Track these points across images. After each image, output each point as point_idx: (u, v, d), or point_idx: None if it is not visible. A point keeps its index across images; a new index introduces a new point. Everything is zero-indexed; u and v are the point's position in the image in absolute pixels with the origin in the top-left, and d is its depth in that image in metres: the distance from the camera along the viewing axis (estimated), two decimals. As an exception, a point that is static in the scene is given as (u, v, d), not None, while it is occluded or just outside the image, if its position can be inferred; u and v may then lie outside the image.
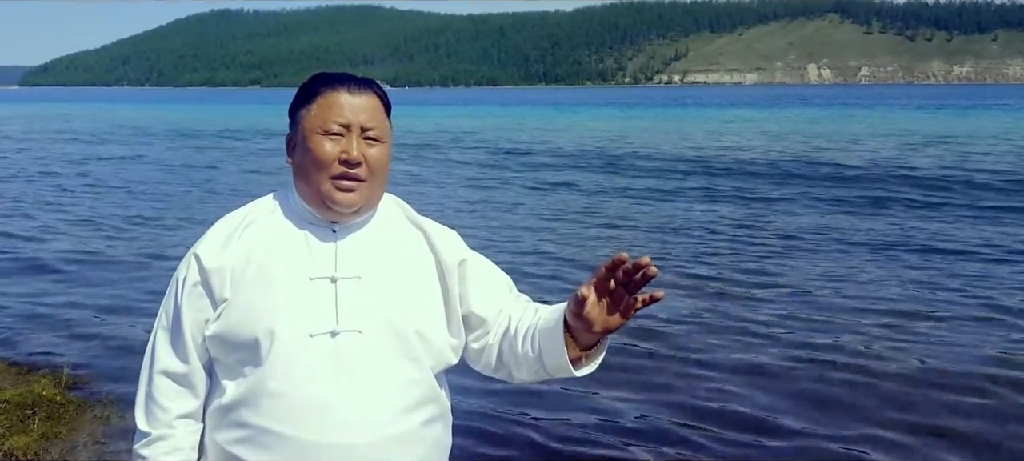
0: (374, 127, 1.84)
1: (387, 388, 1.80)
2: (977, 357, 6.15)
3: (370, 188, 1.85)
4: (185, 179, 18.24)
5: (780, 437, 4.88)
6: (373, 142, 1.85)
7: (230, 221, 1.92)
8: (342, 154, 1.81)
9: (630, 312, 1.73)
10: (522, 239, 11.13)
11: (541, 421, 5.08)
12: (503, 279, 2.03)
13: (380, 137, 1.85)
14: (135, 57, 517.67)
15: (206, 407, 1.88)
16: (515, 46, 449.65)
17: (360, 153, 1.82)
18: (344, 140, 1.82)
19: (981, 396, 5.42)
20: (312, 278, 1.82)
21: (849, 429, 4.95)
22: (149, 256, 10.06)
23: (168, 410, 1.85)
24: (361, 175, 1.82)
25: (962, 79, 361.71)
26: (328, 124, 1.82)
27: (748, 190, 16.01)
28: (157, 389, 1.86)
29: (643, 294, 1.71)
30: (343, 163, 1.81)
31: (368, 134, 1.84)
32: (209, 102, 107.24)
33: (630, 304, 1.72)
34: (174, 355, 1.85)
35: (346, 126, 1.82)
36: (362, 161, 1.82)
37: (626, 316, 1.73)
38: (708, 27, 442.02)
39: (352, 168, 1.81)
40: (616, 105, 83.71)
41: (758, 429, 4.97)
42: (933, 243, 10.48)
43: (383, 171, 1.88)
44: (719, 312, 7.37)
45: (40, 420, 4.92)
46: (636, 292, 1.71)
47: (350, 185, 1.82)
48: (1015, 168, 19.09)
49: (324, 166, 1.82)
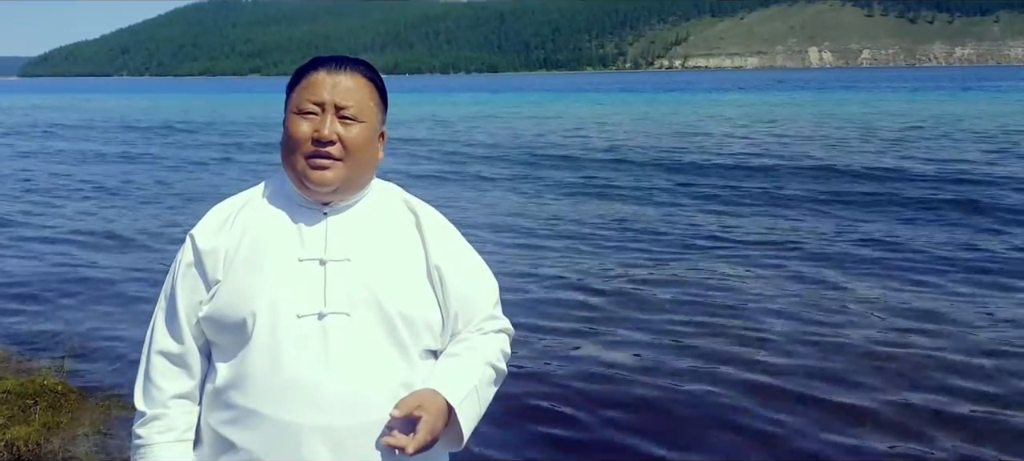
0: (350, 105, 1.84)
1: (373, 372, 1.80)
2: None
3: (348, 168, 1.84)
4: (185, 175, 18.15)
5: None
6: (349, 121, 1.84)
7: (228, 204, 1.94)
8: (314, 132, 1.82)
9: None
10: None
11: (551, 418, 5.08)
12: (483, 296, 1.99)
13: (357, 116, 1.85)
14: (134, 47, 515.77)
15: (202, 389, 1.89)
16: (515, 32, 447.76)
17: (332, 131, 1.82)
18: (318, 119, 1.83)
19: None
20: (301, 260, 1.84)
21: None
22: (150, 245, 10.07)
23: (164, 390, 1.87)
24: (334, 153, 1.82)
25: (964, 61, 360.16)
26: (303, 103, 1.84)
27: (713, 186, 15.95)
28: (154, 369, 1.88)
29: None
30: (315, 142, 1.82)
31: (343, 113, 1.83)
32: (210, 92, 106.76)
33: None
34: (170, 336, 1.88)
35: (320, 104, 1.83)
36: (334, 140, 1.82)
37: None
38: (709, 11, 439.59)
39: (323, 146, 1.81)
40: (608, 91, 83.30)
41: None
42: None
43: (362, 151, 1.86)
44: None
45: (41, 410, 4.93)
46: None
47: (323, 163, 1.82)
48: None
49: (297, 145, 1.84)
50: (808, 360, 5.78)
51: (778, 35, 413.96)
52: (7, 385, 5.22)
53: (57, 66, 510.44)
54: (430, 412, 1.77)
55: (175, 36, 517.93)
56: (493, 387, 1.97)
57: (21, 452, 4.46)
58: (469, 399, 1.86)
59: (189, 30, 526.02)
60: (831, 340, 6.14)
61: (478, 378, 1.90)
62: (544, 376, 5.54)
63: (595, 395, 5.29)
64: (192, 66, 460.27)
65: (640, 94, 69.86)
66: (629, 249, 9.51)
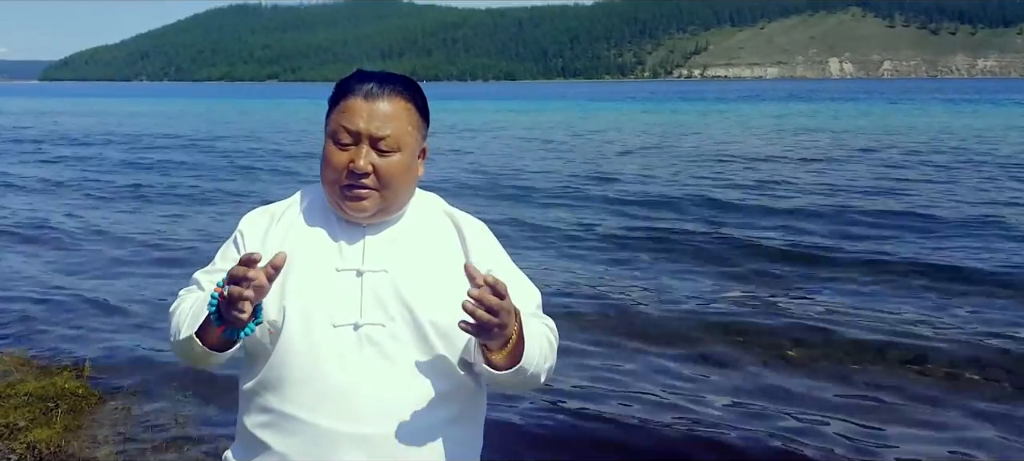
0: (387, 134, 1.81)
1: (406, 382, 1.80)
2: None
3: (384, 197, 1.84)
4: (215, 184, 17.83)
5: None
6: (386, 152, 1.81)
7: (278, 206, 1.97)
8: (350, 163, 1.80)
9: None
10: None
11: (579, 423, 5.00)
12: (527, 297, 1.95)
13: (394, 146, 1.82)
14: (154, 52, 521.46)
15: (240, 387, 1.92)
16: (534, 40, 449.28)
17: (368, 163, 1.80)
18: (354, 149, 1.81)
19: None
20: (339, 270, 1.84)
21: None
22: (171, 248, 10.09)
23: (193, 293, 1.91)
24: (369, 184, 1.81)
25: (986, 73, 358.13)
26: (339, 132, 1.83)
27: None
28: (183, 292, 1.93)
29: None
30: (350, 174, 1.81)
31: (380, 145, 1.81)
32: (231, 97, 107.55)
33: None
34: (200, 284, 1.91)
35: (356, 135, 1.81)
36: (370, 171, 1.80)
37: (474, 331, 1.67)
38: (728, 21, 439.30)
39: (359, 179, 1.80)
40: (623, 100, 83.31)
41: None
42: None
43: (398, 180, 1.84)
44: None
45: (62, 413, 4.91)
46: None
47: (359, 193, 1.82)
48: None
49: (333, 175, 1.83)
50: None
51: (798, 45, 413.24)
52: (28, 388, 5.22)
53: (77, 70, 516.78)
54: (509, 298, 1.68)
55: (194, 41, 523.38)
56: (548, 351, 1.88)
57: (42, 454, 4.45)
58: (532, 331, 1.81)
59: (208, 36, 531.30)
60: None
61: (537, 327, 1.86)
62: (591, 395, 5.43)
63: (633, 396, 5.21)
64: (211, 71, 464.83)
65: (700, 103, 69.10)
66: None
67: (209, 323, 1.72)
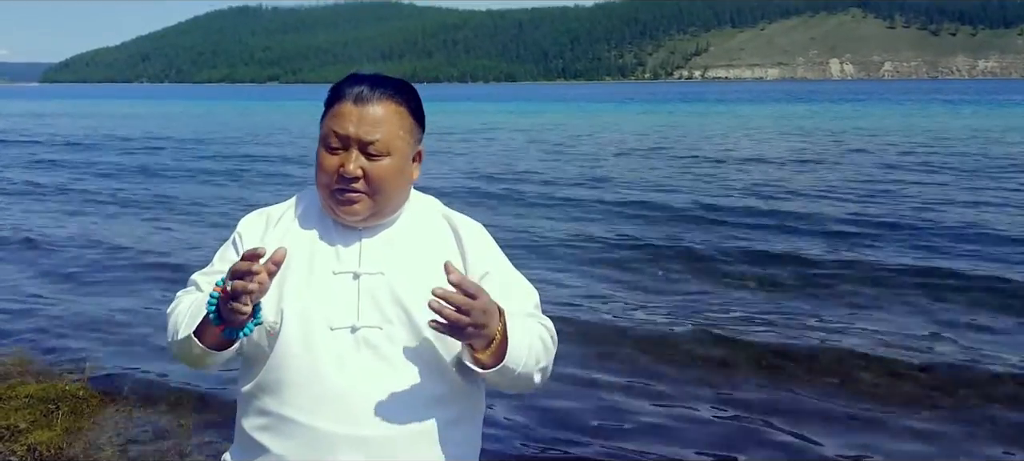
0: (376, 139, 1.81)
1: (404, 384, 1.80)
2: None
3: (375, 201, 1.84)
4: (217, 190, 17.82)
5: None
6: (375, 156, 1.82)
7: (275, 209, 1.98)
8: (340, 167, 1.81)
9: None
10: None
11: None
12: (524, 297, 1.95)
13: (384, 150, 1.82)
14: (154, 54, 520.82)
15: (238, 390, 1.93)
16: (534, 41, 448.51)
17: (358, 167, 1.80)
18: (344, 154, 1.82)
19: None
20: (336, 272, 1.85)
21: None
22: (172, 252, 10.09)
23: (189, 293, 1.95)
24: (359, 189, 1.82)
25: (987, 74, 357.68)
26: (330, 136, 1.84)
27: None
28: (181, 293, 1.96)
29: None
30: (341, 178, 1.81)
31: (370, 149, 1.81)
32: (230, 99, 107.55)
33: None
34: (198, 284, 1.94)
35: (345, 139, 1.81)
36: (359, 175, 1.81)
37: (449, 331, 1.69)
38: (729, 22, 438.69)
39: (349, 183, 1.81)
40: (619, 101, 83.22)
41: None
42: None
43: (389, 184, 1.84)
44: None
45: (64, 415, 4.91)
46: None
47: (350, 197, 1.82)
48: None
49: (325, 179, 1.84)
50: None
51: (798, 46, 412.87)
52: (30, 390, 5.21)
53: (78, 72, 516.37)
54: (485, 293, 1.71)
55: (195, 43, 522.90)
56: (541, 352, 1.88)
57: (43, 456, 4.45)
58: (520, 326, 1.82)
59: (208, 37, 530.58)
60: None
61: (529, 327, 1.86)
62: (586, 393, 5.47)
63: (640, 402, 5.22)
64: (211, 73, 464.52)
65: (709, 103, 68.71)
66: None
67: (208, 323, 1.74)
